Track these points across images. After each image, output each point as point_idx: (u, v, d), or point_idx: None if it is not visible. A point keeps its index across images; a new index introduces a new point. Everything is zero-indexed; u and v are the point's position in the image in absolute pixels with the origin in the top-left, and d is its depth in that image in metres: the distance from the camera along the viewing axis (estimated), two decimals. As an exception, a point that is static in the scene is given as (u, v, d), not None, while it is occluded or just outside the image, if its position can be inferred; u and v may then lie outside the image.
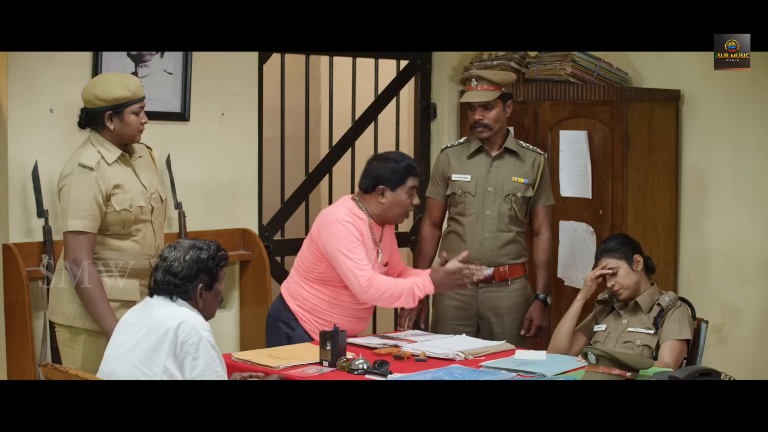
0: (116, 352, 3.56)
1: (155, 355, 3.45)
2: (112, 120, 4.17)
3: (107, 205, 4.15)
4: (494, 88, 4.77)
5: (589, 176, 5.40)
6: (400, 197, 4.49)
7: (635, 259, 4.35)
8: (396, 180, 4.47)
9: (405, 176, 4.49)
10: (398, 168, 4.48)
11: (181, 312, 3.52)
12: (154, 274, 3.62)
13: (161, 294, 3.58)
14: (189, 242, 3.64)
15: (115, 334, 3.64)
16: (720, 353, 5.43)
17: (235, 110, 5.36)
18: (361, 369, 3.83)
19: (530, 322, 4.85)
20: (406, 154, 4.67)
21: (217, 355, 3.50)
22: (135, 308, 3.68)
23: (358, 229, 4.42)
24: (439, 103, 6.14)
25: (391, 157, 4.55)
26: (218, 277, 3.64)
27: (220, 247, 3.67)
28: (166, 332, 3.45)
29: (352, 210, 4.48)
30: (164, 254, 3.62)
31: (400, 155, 4.61)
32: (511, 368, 3.85)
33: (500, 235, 4.82)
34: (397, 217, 4.57)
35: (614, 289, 4.34)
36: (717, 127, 5.48)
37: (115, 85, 4.18)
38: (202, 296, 3.59)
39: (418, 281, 4.42)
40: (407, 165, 4.51)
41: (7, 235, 4.64)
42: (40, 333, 4.61)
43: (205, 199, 5.27)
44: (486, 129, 4.79)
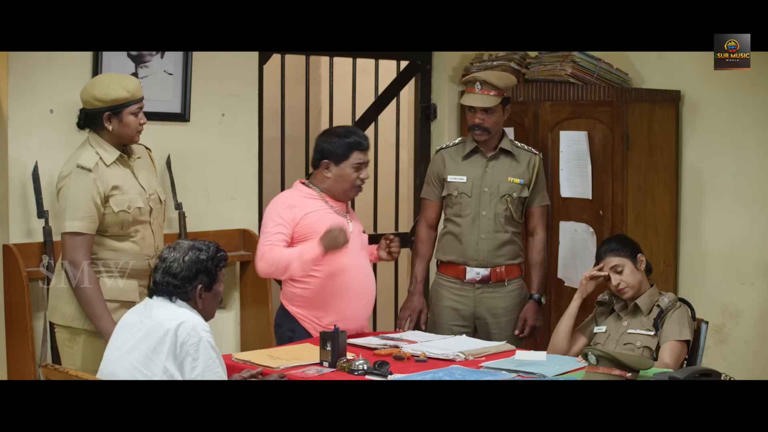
0: (116, 353, 3.56)
1: (155, 356, 3.45)
2: (111, 121, 4.17)
3: (105, 206, 4.15)
4: (497, 93, 4.76)
5: (590, 177, 5.40)
6: (345, 171, 4.49)
7: (639, 258, 4.34)
8: (339, 154, 4.49)
9: (349, 151, 4.49)
10: (342, 143, 4.49)
11: (181, 313, 3.52)
12: (154, 275, 3.62)
13: (161, 295, 3.58)
14: (188, 243, 3.64)
15: (114, 335, 3.63)
16: (720, 354, 5.43)
17: (236, 111, 5.36)
18: (362, 369, 3.83)
19: (524, 322, 4.85)
20: (355, 129, 4.65)
21: (217, 355, 3.50)
22: (134, 309, 3.67)
23: (289, 207, 4.45)
24: (439, 103, 6.14)
25: (336, 132, 4.57)
26: (218, 278, 3.64)
27: (220, 248, 3.67)
28: (166, 333, 3.45)
29: (297, 189, 4.56)
30: (163, 255, 3.62)
31: (346, 130, 4.60)
32: (512, 369, 3.85)
33: (497, 235, 4.82)
34: (346, 192, 4.55)
35: (619, 288, 4.32)
36: (717, 127, 5.48)
37: (113, 85, 4.18)
38: (201, 297, 3.59)
39: (306, 245, 4.39)
40: (352, 140, 4.51)
41: (7, 235, 4.64)
42: (40, 333, 4.61)
43: (205, 199, 5.27)
44: (485, 133, 4.80)
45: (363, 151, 4.53)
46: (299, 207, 4.46)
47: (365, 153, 4.54)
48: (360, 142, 4.53)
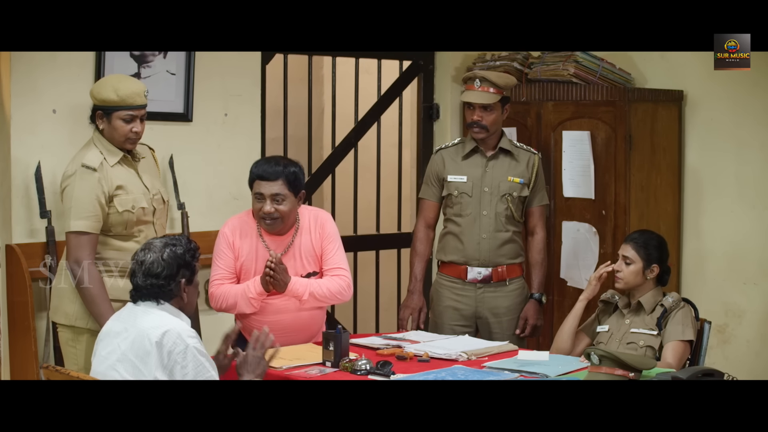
0: (104, 364, 3.52)
1: (143, 366, 3.43)
2: (102, 120, 4.20)
3: (110, 206, 4.16)
4: (496, 91, 4.77)
5: (592, 177, 5.40)
6: (253, 202, 4.36)
7: (652, 267, 4.33)
8: (251, 185, 4.36)
9: (251, 181, 4.35)
10: (251, 173, 4.35)
11: (164, 320, 3.48)
12: (133, 280, 3.57)
13: (145, 299, 3.56)
14: (160, 241, 3.61)
15: (100, 345, 3.59)
16: (723, 354, 5.42)
17: (238, 111, 5.36)
18: (364, 369, 3.84)
19: (525, 321, 4.86)
20: (262, 159, 4.48)
21: (206, 359, 3.47)
22: (118, 316, 3.63)
23: (230, 232, 4.36)
24: (442, 103, 6.14)
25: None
26: (195, 269, 3.64)
27: (190, 239, 3.67)
28: (151, 345, 3.42)
29: (242, 218, 4.44)
30: (139, 258, 3.58)
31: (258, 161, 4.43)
32: (514, 369, 3.85)
33: (497, 235, 4.82)
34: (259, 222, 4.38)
35: (616, 275, 4.33)
36: (720, 127, 5.48)
37: (107, 86, 4.20)
38: (185, 291, 3.59)
39: (250, 283, 4.29)
40: (251, 170, 4.35)
41: (10, 235, 4.64)
42: (43, 333, 4.61)
43: (207, 199, 5.27)
44: (483, 130, 4.80)
45: (262, 180, 4.29)
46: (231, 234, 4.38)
47: (263, 182, 4.29)
48: (253, 171, 4.33)
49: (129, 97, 4.18)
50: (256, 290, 4.26)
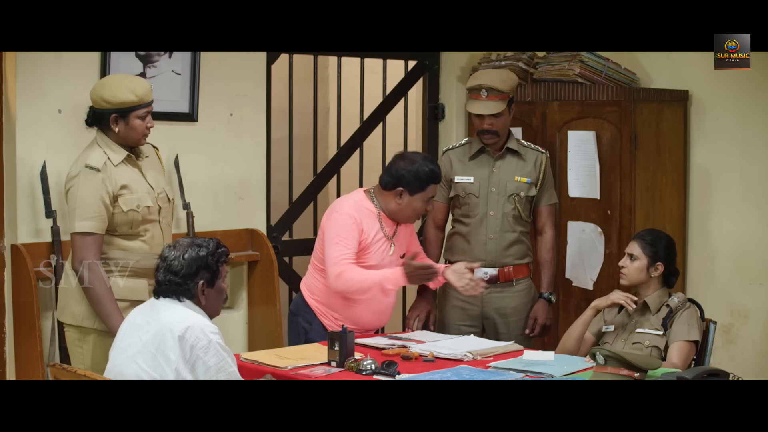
0: (123, 355, 3.55)
1: (163, 359, 3.44)
2: (118, 123, 4.18)
3: (114, 205, 4.16)
4: (503, 96, 4.76)
5: (597, 177, 5.40)
6: (416, 203, 4.52)
7: (656, 265, 4.32)
8: (417, 186, 4.49)
9: (426, 183, 4.51)
10: (421, 174, 4.49)
11: (187, 316, 3.51)
12: (156, 275, 3.62)
13: (167, 295, 3.58)
14: (188, 240, 3.64)
15: (120, 337, 3.63)
16: (728, 354, 5.42)
17: (244, 111, 5.36)
18: (370, 369, 3.84)
19: (534, 320, 4.85)
20: (430, 159, 4.64)
21: (228, 355, 3.51)
22: (140, 309, 3.67)
23: (358, 223, 4.44)
24: (447, 103, 6.13)
25: (417, 161, 4.53)
26: (219, 273, 3.64)
27: (220, 244, 3.66)
28: (174, 338, 3.44)
29: (361, 202, 4.52)
30: (164, 254, 3.62)
31: (425, 160, 4.57)
32: (520, 369, 3.85)
33: (505, 235, 4.82)
34: (407, 219, 4.59)
35: (620, 270, 4.34)
36: (725, 127, 5.47)
37: (122, 88, 4.18)
38: (204, 293, 3.59)
39: (389, 274, 4.42)
40: (430, 171, 4.51)
41: (15, 235, 4.64)
42: (48, 333, 4.62)
43: (213, 199, 5.27)
44: (495, 136, 4.81)
45: (437, 183, 4.57)
46: (360, 223, 4.47)
47: (437, 186, 4.59)
48: (437, 174, 4.55)
49: (146, 95, 4.20)
50: (395, 283, 4.43)
